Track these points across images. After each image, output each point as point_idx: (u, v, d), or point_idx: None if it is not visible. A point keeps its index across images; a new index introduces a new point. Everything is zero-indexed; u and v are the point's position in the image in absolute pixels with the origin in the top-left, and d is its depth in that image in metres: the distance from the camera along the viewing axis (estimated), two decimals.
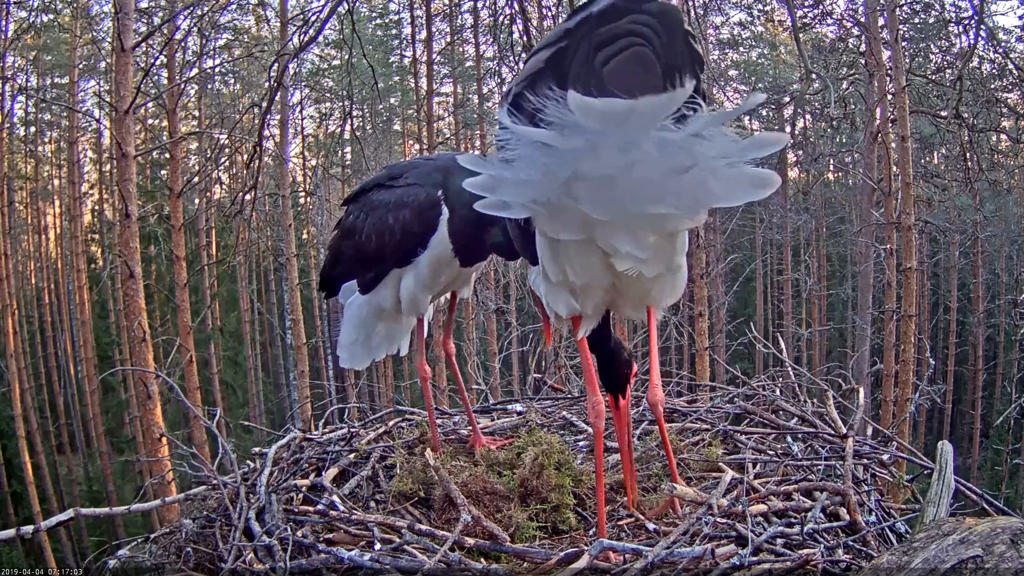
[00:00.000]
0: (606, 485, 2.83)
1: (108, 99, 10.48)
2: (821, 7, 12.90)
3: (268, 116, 7.16)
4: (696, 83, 1.59)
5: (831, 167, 21.12)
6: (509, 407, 3.94)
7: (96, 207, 24.43)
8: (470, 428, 3.37)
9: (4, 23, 13.78)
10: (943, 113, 10.47)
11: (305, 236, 24.08)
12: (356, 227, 3.03)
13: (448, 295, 3.31)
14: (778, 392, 3.71)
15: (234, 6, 13.93)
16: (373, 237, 2.96)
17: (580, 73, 1.60)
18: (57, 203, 24.53)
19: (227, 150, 14.23)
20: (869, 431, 3.57)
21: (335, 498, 2.67)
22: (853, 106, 12.43)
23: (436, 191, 2.86)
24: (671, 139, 1.56)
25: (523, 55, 6.54)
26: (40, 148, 23.38)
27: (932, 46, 13.93)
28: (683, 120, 1.57)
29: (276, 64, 6.62)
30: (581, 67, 1.60)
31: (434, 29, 17.90)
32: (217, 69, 16.96)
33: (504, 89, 1.77)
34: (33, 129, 22.37)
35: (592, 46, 1.58)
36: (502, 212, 1.79)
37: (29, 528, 3.09)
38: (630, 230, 1.77)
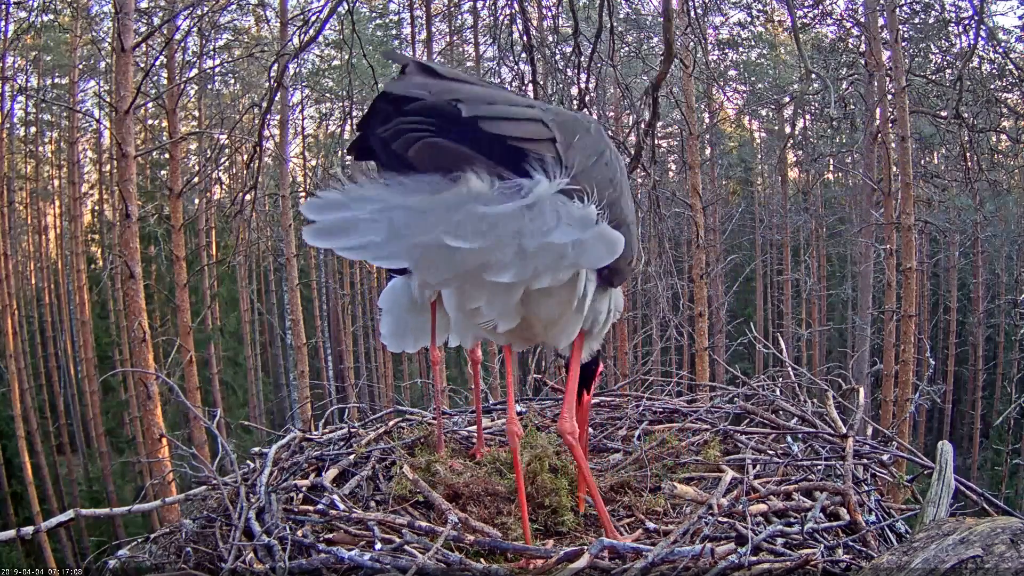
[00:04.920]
0: (607, 486, 2.83)
1: (108, 99, 10.47)
2: (821, 7, 12.90)
3: (268, 116, 7.14)
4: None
5: (831, 167, 21.11)
6: None
7: (96, 207, 24.43)
8: (470, 430, 3.38)
9: (4, 23, 13.78)
10: (943, 113, 10.47)
11: None
12: None
13: None
14: (778, 392, 3.71)
15: (234, 6, 13.89)
16: None
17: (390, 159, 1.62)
18: (57, 203, 24.51)
19: (227, 150, 14.23)
20: (869, 431, 3.57)
21: (335, 497, 2.67)
22: (853, 106, 12.43)
23: None
24: (492, 212, 1.57)
25: (523, 55, 6.53)
26: (40, 148, 23.36)
27: (932, 46, 13.92)
28: (519, 190, 1.59)
29: (276, 64, 6.61)
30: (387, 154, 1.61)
31: (434, 29, 17.94)
32: (217, 69, 16.95)
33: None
34: (33, 129, 22.36)
35: (381, 143, 1.60)
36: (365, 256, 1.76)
37: (29, 529, 3.08)
38: (468, 289, 1.81)
